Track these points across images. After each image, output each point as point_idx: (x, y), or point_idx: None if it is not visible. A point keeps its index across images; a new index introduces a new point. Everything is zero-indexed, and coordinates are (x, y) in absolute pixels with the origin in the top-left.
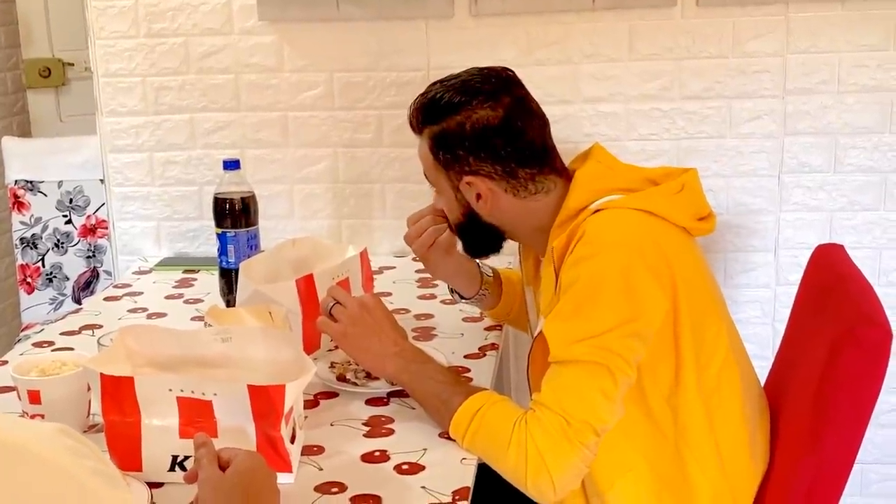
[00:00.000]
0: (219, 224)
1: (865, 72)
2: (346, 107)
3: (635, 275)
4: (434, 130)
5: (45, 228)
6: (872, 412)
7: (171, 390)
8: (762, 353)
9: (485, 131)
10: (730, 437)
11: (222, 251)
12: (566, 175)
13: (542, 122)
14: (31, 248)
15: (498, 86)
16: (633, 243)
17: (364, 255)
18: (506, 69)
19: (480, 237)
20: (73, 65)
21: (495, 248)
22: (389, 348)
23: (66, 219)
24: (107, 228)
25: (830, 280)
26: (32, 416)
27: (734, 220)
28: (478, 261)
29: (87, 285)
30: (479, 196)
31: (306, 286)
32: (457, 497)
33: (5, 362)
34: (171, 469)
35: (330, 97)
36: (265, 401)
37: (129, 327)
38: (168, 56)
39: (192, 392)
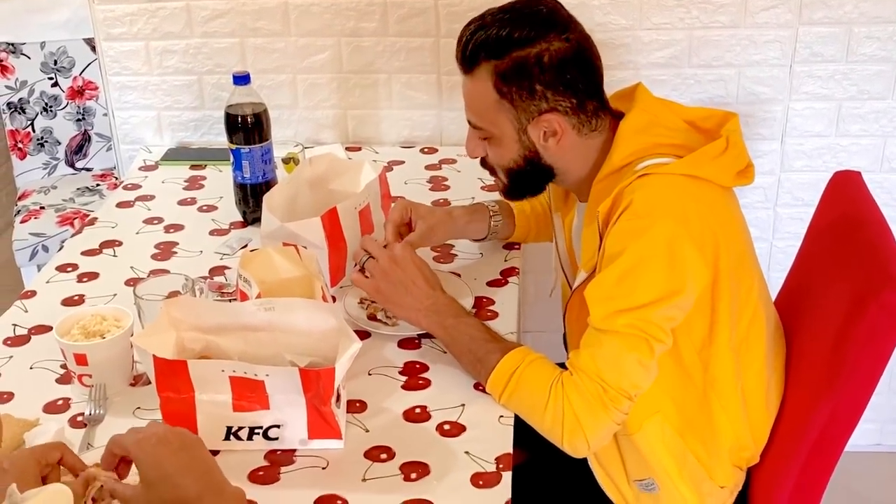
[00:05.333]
0: (231, 140)
1: None
2: None
3: (680, 249)
4: (502, 65)
5: (31, 92)
6: (889, 359)
7: (223, 371)
8: (763, 235)
9: (563, 63)
10: (753, 380)
11: (237, 166)
12: (612, 113)
13: (598, 54)
14: (20, 113)
15: (566, 18)
16: (679, 215)
17: (382, 177)
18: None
19: (531, 181)
20: None
21: (541, 189)
22: (422, 302)
23: (53, 81)
24: (95, 90)
25: (851, 218)
26: (80, 377)
27: (743, 110)
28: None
29: (79, 149)
30: (546, 135)
31: (331, 221)
32: (500, 466)
33: (33, 293)
34: (227, 438)
35: None
36: (316, 382)
37: (173, 300)
38: None
39: (245, 373)
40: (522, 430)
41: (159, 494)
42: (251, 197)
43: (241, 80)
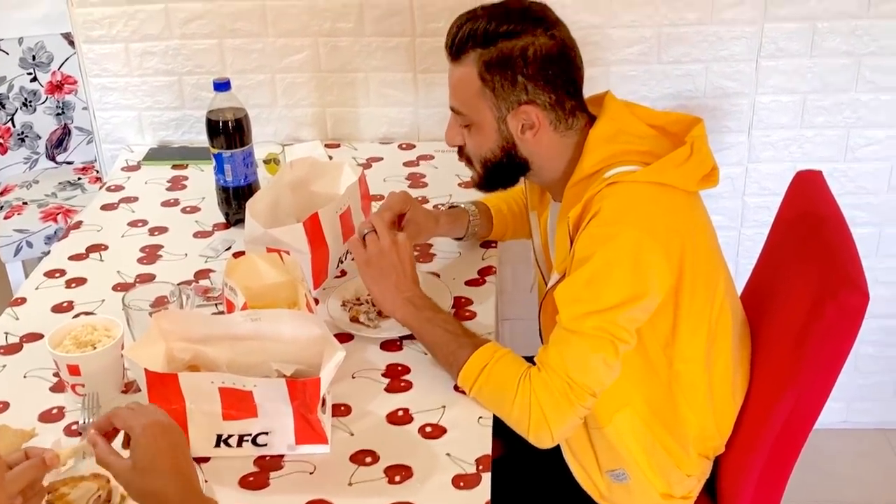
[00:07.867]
0: (213, 144)
1: None
2: None
3: (646, 255)
4: (487, 55)
5: (10, 88)
6: (848, 355)
7: (213, 382)
8: (730, 223)
9: (546, 59)
10: (720, 373)
11: (219, 170)
12: (588, 116)
13: (581, 58)
14: None
15: (554, 18)
16: (644, 223)
17: (362, 178)
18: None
19: (506, 173)
20: None
21: (513, 182)
22: (404, 292)
23: (31, 76)
24: (74, 84)
25: (812, 217)
26: (73, 386)
27: (711, 103)
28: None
29: (59, 143)
30: (524, 127)
31: (312, 226)
32: (480, 467)
33: (23, 300)
34: (217, 445)
35: None
36: (302, 392)
37: (162, 313)
38: None
39: (234, 384)
40: (500, 424)
41: (145, 482)
42: (234, 199)
43: (222, 86)
